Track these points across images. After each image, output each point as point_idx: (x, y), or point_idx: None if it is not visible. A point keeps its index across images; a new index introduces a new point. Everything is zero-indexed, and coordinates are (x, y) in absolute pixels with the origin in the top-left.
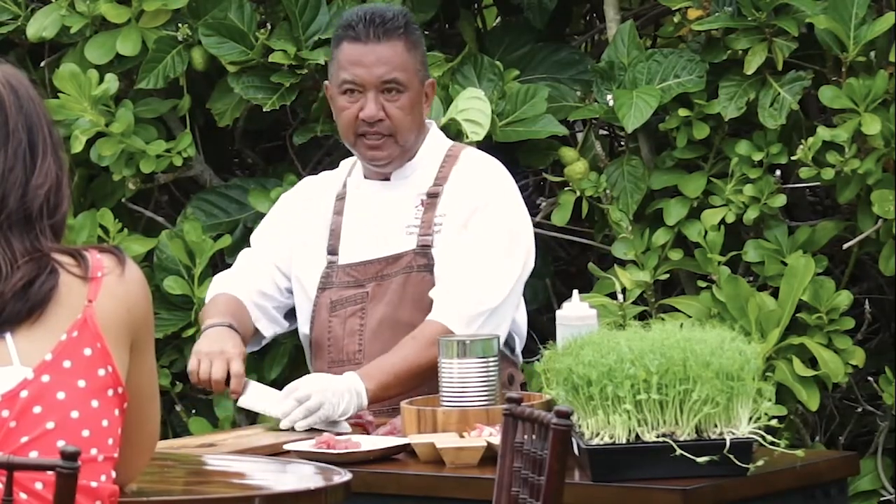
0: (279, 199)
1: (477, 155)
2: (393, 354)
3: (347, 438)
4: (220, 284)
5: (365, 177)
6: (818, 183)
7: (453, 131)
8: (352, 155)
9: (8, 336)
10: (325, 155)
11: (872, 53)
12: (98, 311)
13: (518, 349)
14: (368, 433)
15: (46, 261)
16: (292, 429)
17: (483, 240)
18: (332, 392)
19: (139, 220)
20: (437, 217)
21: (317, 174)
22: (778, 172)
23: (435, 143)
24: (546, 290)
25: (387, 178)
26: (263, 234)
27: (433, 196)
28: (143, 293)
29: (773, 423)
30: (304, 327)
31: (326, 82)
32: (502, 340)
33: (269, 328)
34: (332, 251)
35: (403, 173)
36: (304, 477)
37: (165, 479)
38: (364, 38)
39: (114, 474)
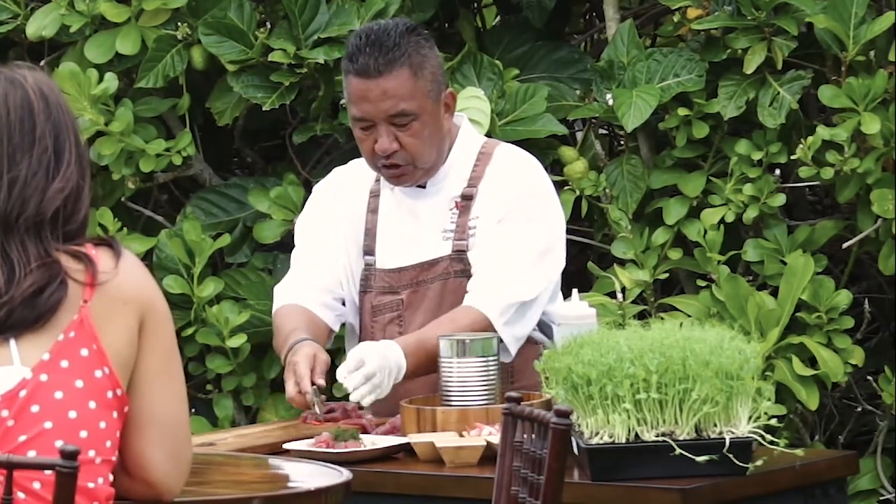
0: (313, 190)
1: (511, 151)
2: (430, 334)
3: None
4: (284, 295)
5: None
6: (818, 182)
7: None
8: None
9: (12, 341)
10: (324, 154)
11: (872, 53)
12: (93, 312)
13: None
14: (368, 433)
15: (58, 269)
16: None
17: (522, 235)
18: (385, 367)
19: (139, 220)
20: (471, 220)
21: (316, 171)
22: (777, 172)
23: (467, 141)
24: None
25: (421, 185)
26: (305, 230)
27: (467, 198)
28: (140, 282)
29: (773, 422)
30: (352, 318)
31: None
32: (531, 330)
33: (338, 326)
34: (369, 251)
35: (436, 178)
36: (303, 477)
37: None
38: (366, 72)
39: (111, 477)
